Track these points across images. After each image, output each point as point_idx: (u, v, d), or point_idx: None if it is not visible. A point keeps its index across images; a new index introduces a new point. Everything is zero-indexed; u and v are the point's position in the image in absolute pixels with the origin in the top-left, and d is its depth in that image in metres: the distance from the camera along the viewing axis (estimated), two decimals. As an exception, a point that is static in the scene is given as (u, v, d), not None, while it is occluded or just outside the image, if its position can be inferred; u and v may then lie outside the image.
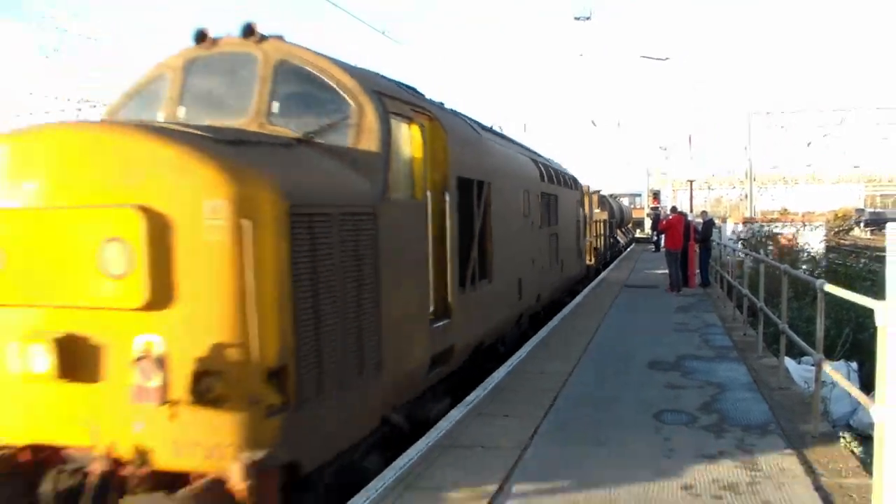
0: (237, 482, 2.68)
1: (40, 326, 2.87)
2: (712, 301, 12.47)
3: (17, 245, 2.93)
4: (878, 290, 4.16)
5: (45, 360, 2.83)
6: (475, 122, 7.44)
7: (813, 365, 5.26)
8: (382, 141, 4.10)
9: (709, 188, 74.30)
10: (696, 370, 6.99)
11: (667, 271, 14.65)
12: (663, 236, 15.01)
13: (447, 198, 5.08)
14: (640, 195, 57.84)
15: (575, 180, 14.59)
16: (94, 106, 31.43)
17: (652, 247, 29.17)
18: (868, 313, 3.57)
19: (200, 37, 4.29)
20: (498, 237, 6.72)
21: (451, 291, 5.19)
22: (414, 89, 5.60)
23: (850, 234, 63.15)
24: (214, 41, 4.31)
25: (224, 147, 3.02)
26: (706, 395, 6.02)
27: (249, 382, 2.80)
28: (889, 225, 3.37)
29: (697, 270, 15.07)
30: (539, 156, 11.53)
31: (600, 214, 20.78)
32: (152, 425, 2.80)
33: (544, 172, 10.11)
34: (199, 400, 2.75)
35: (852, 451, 4.94)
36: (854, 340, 8.57)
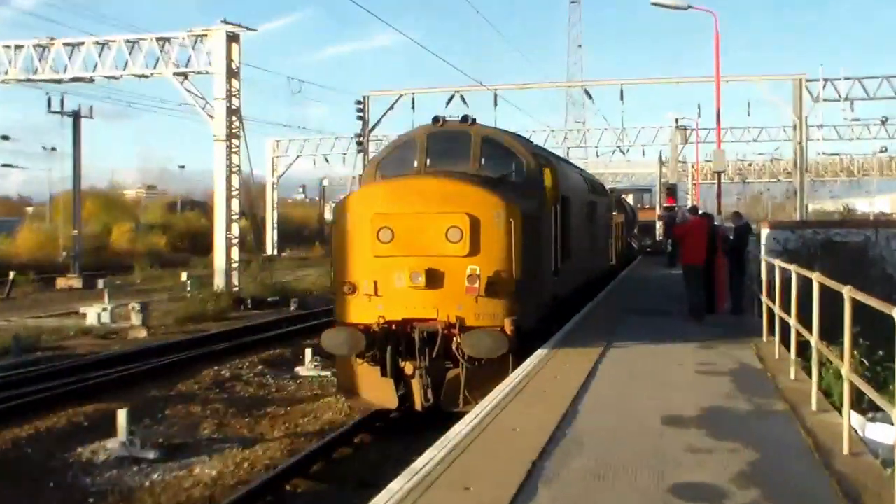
0: (507, 328, 10.26)
1: (417, 265, 10.47)
2: (748, 334, 12.73)
3: (401, 229, 10.57)
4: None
5: (421, 278, 10.41)
6: (554, 154, 17.18)
7: (892, 424, 5.23)
8: (539, 180, 12.15)
9: (743, 182, 75.86)
10: (727, 428, 7.01)
11: (685, 293, 14.84)
12: (680, 246, 15.18)
13: (557, 209, 13.20)
14: (649, 191, 59.07)
15: (604, 188, 24.05)
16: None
17: (662, 259, 29.77)
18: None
19: (436, 120, 12.39)
20: (572, 233, 14.86)
21: (559, 261, 13.33)
22: (535, 144, 15.45)
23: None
24: (444, 122, 12.34)
25: (493, 186, 11.07)
26: (741, 464, 6.01)
27: (509, 287, 10.48)
28: None
29: (728, 292, 15.27)
30: (582, 171, 21.78)
31: (617, 217, 27.22)
32: (466, 306, 10.43)
33: (588, 184, 18.73)
34: (489, 294, 10.36)
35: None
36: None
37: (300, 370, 16.31)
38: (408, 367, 11.05)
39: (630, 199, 42.88)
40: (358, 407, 12.04)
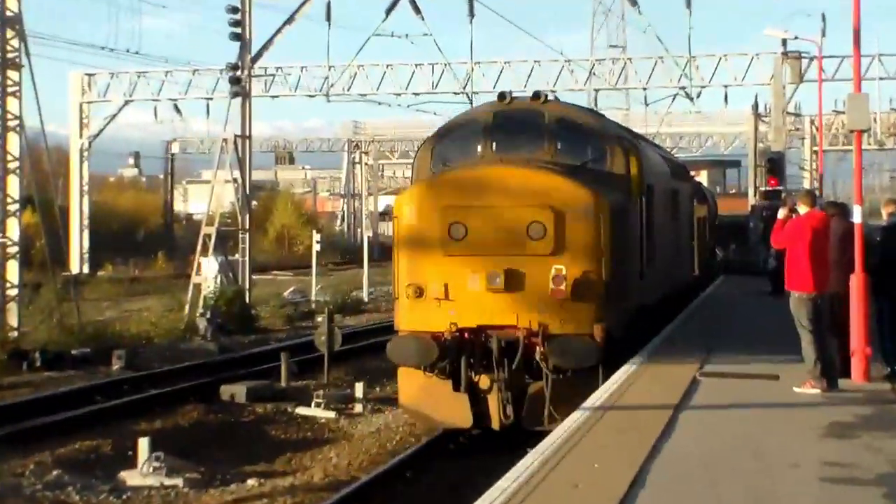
0: (597, 335, 15.55)
1: (495, 265, 15.77)
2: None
3: (476, 224, 16.01)
4: None
5: (499, 280, 15.67)
6: (631, 130, 23.94)
7: None
8: (626, 167, 18.12)
9: (903, 149, 76.82)
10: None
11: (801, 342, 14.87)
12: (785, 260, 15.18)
13: (643, 201, 18.83)
14: (737, 164, 59.09)
15: (685, 169, 31.81)
16: None
17: (759, 282, 30.73)
18: None
19: (502, 97, 18.55)
20: (656, 231, 20.26)
21: (643, 263, 19.04)
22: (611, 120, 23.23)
23: None
24: (512, 100, 18.45)
25: (578, 176, 16.82)
26: None
27: (598, 290, 15.89)
28: None
29: (875, 339, 15.42)
30: (659, 146, 31.22)
31: (699, 209, 31.56)
32: (550, 311, 15.84)
33: (669, 166, 25.19)
34: (575, 297, 15.70)
35: None
36: None
37: (128, 476, 16.14)
38: (483, 381, 16.08)
39: (703, 178, 43.24)
40: (425, 427, 17.90)
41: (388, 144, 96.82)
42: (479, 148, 17.96)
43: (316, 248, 44.75)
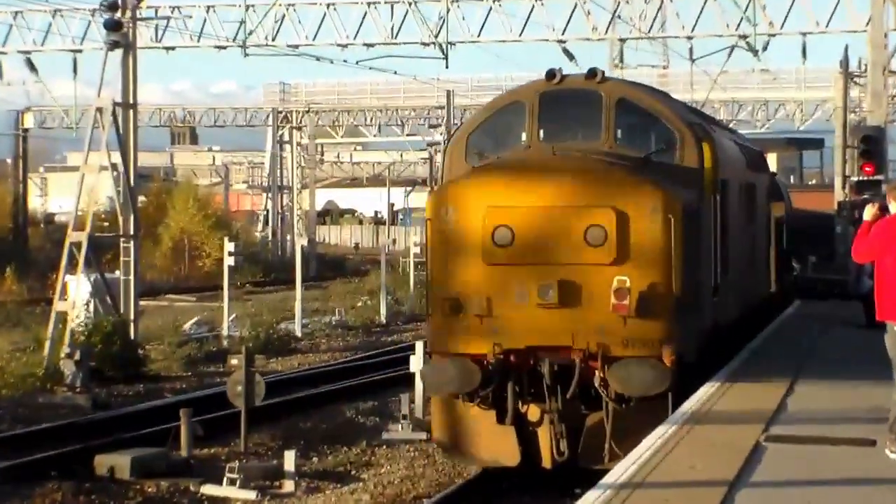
0: (666, 358, 19.07)
1: (547, 275, 19.43)
2: None
3: (524, 228, 19.65)
4: None
5: (552, 293, 19.13)
6: (700, 112, 32.82)
7: None
8: (698, 161, 22.20)
9: None
10: None
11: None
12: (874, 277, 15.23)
13: (717, 200, 23.20)
14: (818, 144, 59.04)
15: (762, 158, 35.42)
16: None
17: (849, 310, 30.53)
18: None
19: (551, 75, 22.27)
20: (731, 235, 24.94)
21: (717, 275, 23.52)
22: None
23: None
24: (562, 78, 22.48)
25: (643, 170, 21.16)
26: None
27: (667, 305, 19.58)
28: None
29: None
30: (732, 131, 38.04)
31: (775, 208, 35.42)
32: (611, 330, 19.33)
33: (745, 156, 29.06)
34: (641, 314, 19.09)
35: None
36: None
37: None
38: (532, 412, 19.15)
39: (771, 163, 43.37)
40: (464, 465, 21.15)
41: (330, 116, 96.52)
42: (525, 137, 21.04)
43: (229, 262, 44.47)
